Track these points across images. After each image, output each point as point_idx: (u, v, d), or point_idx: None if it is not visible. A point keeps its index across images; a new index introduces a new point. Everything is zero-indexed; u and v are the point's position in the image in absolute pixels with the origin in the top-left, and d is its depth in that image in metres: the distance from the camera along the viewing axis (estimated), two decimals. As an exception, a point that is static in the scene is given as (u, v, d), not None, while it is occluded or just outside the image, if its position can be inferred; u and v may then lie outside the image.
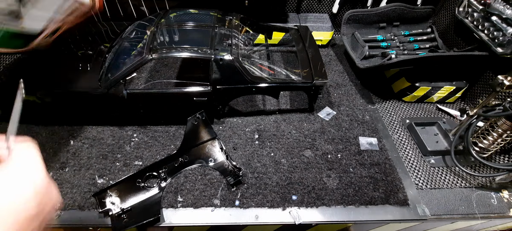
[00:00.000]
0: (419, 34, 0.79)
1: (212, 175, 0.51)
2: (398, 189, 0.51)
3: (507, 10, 0.58)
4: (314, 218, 0.46)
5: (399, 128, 0.64)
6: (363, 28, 0.81)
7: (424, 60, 0.63)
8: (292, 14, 0.89)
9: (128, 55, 0.57)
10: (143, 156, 0.54)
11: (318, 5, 0.90)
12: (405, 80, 0.68)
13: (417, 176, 0.54)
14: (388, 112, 0.68)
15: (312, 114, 0.65)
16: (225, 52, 0.55)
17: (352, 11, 0.78)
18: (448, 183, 0.53)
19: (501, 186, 0.53)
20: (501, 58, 0.59)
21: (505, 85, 0.47)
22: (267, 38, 0.78)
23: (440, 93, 0.68)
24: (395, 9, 0.78)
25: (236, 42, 0.59)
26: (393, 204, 0.48)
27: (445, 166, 0.56)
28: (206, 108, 0.57)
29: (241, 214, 0.46)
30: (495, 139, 0.52)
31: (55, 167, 0.51)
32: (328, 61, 0.83)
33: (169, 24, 0.63)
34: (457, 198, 0.51)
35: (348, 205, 0.48)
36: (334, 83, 0.74)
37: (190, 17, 0.66)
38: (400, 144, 0.60)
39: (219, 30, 0.61)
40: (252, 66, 0.59)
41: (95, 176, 0.50)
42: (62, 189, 0.47)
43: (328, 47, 0.88)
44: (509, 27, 0.57)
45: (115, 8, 0.85)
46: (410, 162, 0.57)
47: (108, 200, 0.46)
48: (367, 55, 0.72)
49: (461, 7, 0.69)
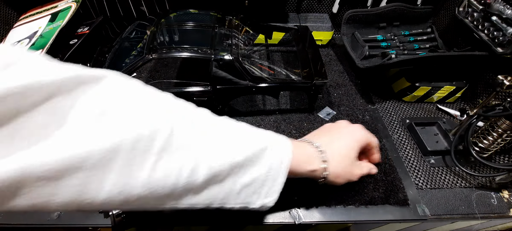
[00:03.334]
0: (419, 34, 0.79)
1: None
2: (398, 189, 0.51)
3: (507, 10, 0.58)
4: (314, 218, 0.46)
5: (399, 128, 0.64)
6: (363, 28, 0.80)
7: (424, 60, 0.63)
8: (292, 14, 0.89)
9: (128, 55, 0.57)
10: (143, 156, 0.54)
11: (318, 5, 0.90)
12: (405, 80, 0.68)
13: (417, 176, 0.54)
14: (388, 112, 0.68)
15: (312, 114, 0.65)
16: (225, 52, 0.55)
17: (352, 11, 0.78)
18: (448, 183, 0.53)
19: (501, 186, 0.53)
20: (501, 58, 0.59)
21: (505, 85, 0.47)
22: (267, 38, 0.78)
23: (440, 93, 0.68)
24: (395, 9, 0.78)
25: (236, 42, 0.59)
26: (393, 204, 0.48)
27: (445, 166, 0.56)
28: (207, 108, 0.57)
29: (241, 214, 0.46)
30: (495, 139, 0.52)
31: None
32: (328, 61, 0.83)
33: (169, 24, 0.63)
34: (457, 198, 0.51)
35: (348, 205, 0.48)
36: (334, 83, 0.74)
37: (190, 17, 0.66)
38: (400, 144, 0.60)
39: (219, 30, 0.61)
40: (252, 66, 0.59)
41: (95, 176, 0.50)
42: (62, 189, 0.47)
43: (328, 47, 0.88)
44: (509, 27, 0.57)
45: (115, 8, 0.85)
46: (410, 162, 0.57)
47: (108, 200, 0.46)
48: (367, 55, 0.72)
49: (461, 7, 0.69)
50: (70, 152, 0.21)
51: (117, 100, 0.25)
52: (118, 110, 0.24)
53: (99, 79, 0.25)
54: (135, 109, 0.25)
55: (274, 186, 0.34)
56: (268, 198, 0.34)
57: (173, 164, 0.26)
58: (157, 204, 0.27)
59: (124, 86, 0.27)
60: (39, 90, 0.20)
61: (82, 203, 0.23)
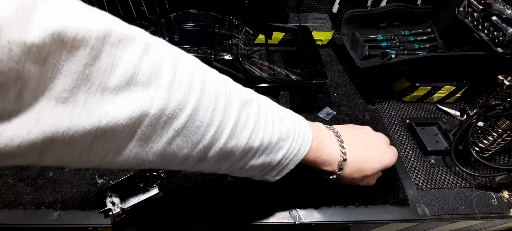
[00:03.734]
0: (419, 34, 0.79)
1: (212, 175, 0.51)
2: (398, 189, 0.51)
3: (507, 10, 0.58)
4: (314, 218, 0.46)
5: (399, 128, 0.64)
6: (363, 28, 0.80)
7: (424, 60, 0.63)
8: (292, 14, 0.89)
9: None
10: (143, 156, 0.54)
11: (318, 5, 0.90)
12: (405, 80, 0.68)
13: (417, 176, 0.54)
14: (388, 112, 0.68)
15: (312, 114, 0.65)
16: (225, 52, 0.55)
17: (352, 11, 0.78)
18: (448, 183, 0.53)
19: (501, 186, 0.53)
20: (501, 58, 0.59)
21: (505, 85, 0.47)
22: (267, 38, 0.78)
23: (440, 93, 0.68)
24: (395, 9, 0.77)
25: (236, 42, 0.59)
26: (393, 204, 0.48)
27: (445, 166, 0.56)
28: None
29: (241, 214, 0.46)
30: (495, 139, 0.52)
31: (55, 167, 0.51)
32: (328, 61, 0.83)
33: (169, 24, 0.63)
34: (457, 198, 0.51)
35: (348, 205, 0.48)
36: (334, 83, 0.74)
37: (190, 17, 0.66)
38: (400, 144, 0.60)
39: (219, 30, 0.61)
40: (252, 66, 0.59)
41: (95, 176, 0.50)
42: (62, 189, 0.47)
43: (328, 47, 0.88)
44: (509, 27, 0.57)
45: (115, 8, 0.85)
46: (410, 162, 0.57)
47: (108, 200, 0.46)
48: (367, 55, 0.72)
49: (461, 7, 0.69)
50: (93, 124, 0.20)
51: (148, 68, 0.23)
52: (147, 81, 0.23)
53: (132, 40, 0.22)
54: (164, 81, 0.24)
55: (282, 171, 0.36)
56: (273, 177, 0.37)
57: (189, 139, 0.27)
58: (167, 167, 0.29)
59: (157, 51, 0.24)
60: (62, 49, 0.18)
61: (100, 163, 0.24)
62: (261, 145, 0.31)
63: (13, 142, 0.18)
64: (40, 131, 0.18)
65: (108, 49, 0.20)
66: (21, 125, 0.18)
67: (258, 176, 0.36)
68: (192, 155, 0.28)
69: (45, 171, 0.49)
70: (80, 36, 0.18)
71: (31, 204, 0.45)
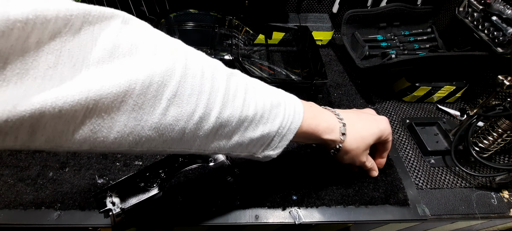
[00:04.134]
0: (419, 34, 0.79)
1: (212, 175, 0.51)
2: (398, 189, 0.51)
3: (507, 10, 0.58)
4: (314, 218, 0.46)
5: (399, 128, 0.64)
6: (363, 28, 0.81)
7: (424, 60, 0.63)
8: (292, 14, 0.89)
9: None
10: (143, 156, 0.54)
11: (318, 5, 0.90)
12: (405, 80, 0.68)
13: (417, 176, 0.54)
14: (388, 112, 0.68)
15: (312, 114, 0.65)
16: (225, 52, 0.55)
17: (352, 11, 0.78)
18: (448, 183, 0.53)
19: (501, 186, 0.53)
20: (501, 58, 0.59)
21: (505, 85, 0.47)
22: (267, 38, 0.78)
23: (440, 93, 0.68)
24: (395, 9, 0.78)
25: (236, 42, 0.59)
26: (393, 204, 0.48)
27: (445, 166, 0.56)
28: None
29: (241, 214, 0.46)
30: (495, 139, 0.52)
31: (55, 167, 0.51)
32: (328, 61, 0.83)
33: (169, 24, 0.63)
34: (457, 198, 0.51)
35: (348, 205, 0.48)
36: (334, 83, 0.74)
37: (190, 17, 0.66)
38: (400, 144, 0.60)
39: (219, 30, 0.61)
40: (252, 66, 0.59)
41: (95, 176, 0.50)
42: (62, 189, 0.47)
43: (328, 47, 0.88)
44: (509, 27, 0.57)
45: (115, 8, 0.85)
46: (410, 162, 0.57)
47: (108, 200, 0.46)
48: (367, 55, 0.72)
49: (461, 7, 0.69)
50: (82, 94, 0.21)
51: (128, 41, 0.24)
52: (129, 53, 0.23)
53: (109, 18, 0.23)
54: (146, 52, 0.24)
55: (281, 142, 0.35)
56: (273, 151, 0.36)
57: (183, 109, 0.27)
58: (165, 147, 0.28)
59: (135, 26, 0.25)
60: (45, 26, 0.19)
61: (95, 142, 0.24)
62: (256, 113, 0.31)
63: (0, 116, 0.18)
64: (27, 104, 0.19)
65: (87, 27, 0.21)
66: (6, 99, 0.18)
67: (259, 153, 0.35)
68: (189, 127, 0.27)
69: (45, 171, 0.50)
70: (61, 14, 0.19)
71: (31, 204, 0.45)
